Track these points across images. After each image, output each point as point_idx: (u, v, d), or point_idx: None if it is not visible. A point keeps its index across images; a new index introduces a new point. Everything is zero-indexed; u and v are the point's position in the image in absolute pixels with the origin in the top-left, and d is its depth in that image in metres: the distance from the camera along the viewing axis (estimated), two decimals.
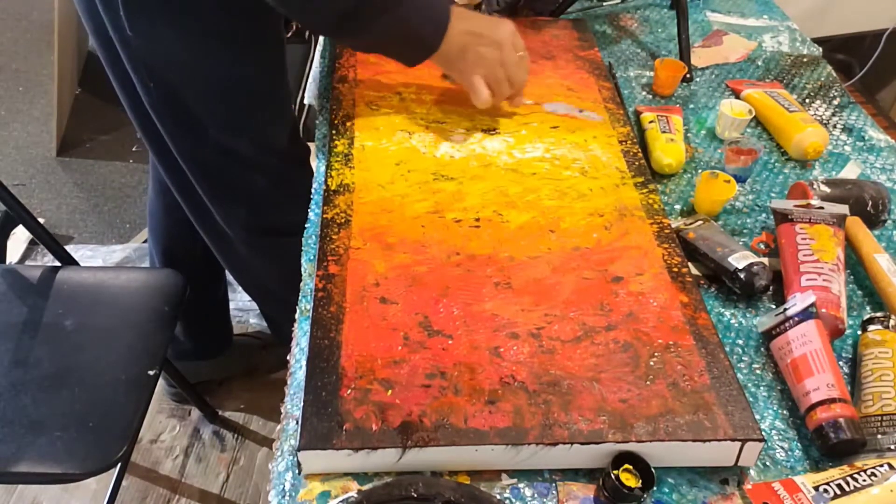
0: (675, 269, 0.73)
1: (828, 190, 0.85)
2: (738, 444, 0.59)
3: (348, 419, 0.58)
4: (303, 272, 0.77)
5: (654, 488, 0.58)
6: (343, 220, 0.76)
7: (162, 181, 1.14)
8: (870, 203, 0.84)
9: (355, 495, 0.56)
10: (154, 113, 0.94)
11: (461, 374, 0.62)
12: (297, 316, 0.72)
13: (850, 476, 0.58)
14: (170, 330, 1.11)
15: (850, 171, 0.96)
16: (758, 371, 0.71)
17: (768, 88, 1.06)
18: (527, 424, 0.59)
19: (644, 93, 1.07)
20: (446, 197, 0.80)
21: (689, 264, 0.76)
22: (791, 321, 0.69)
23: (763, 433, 0.61)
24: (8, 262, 1.21)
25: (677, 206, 0.88)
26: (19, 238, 1.80)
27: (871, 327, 0.71)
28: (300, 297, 0.74)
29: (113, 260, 1.79)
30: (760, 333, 0.74)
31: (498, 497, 0.58)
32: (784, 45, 1.21)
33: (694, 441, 0.59)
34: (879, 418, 0.63)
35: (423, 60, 0.83)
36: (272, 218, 1.08)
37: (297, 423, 0.62)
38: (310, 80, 1.20)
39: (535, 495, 0.59)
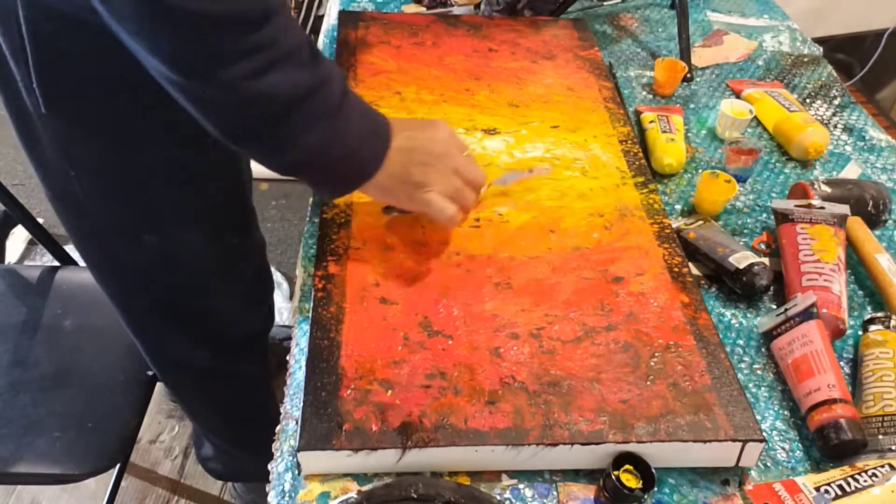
0: (676, 270, 0.73)
1: (828, 190, 0.84)
2: (739, 444, 0.59)
3: (348, 420, 0.58)
4: (302, 272, 0.77)
5: (655, 489, 0.58)
6: (343, 220, 0.76)
7: None
8: (871, 203, 0.84)
9: (355, 496, 0.56)
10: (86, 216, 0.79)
11: (461, 374, 0.62)
12: (296, 316, 0.72)
13: (852, 477, 0.58)
14: None
15: (851, 171, 0.96)
16: (758, 371, 0.70)
17: (769, 88, 1.06)
18: (527, 425, 0.59)
19: (644, 92, 1.07)
20: None
21: (690, 264, 0.75)
22: (792, 321, 0.69)
23: (764, 434, 0.61)
24: (7, 261, 1.21)
25: (678, 206, 0.88)
26: (18, 238, 1.79)
27: (872, 327, 0.70)
28: (300, 297, 0.74)
29: None
30: (761, 334, 0.73)
31: (498, 498, 0.57)
32: (785, 44, 1.20)
33: (695, 442, 0.58)
34: (880, 419, 0.63)
35: (352, 190, 0.67)
36: (220, 334, 0.96)
37: (297, 423, 0.62)
38: None
39: (536, 496, 0.59)
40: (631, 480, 0.57)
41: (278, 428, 0.63)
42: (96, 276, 0.87)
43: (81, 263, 1.24)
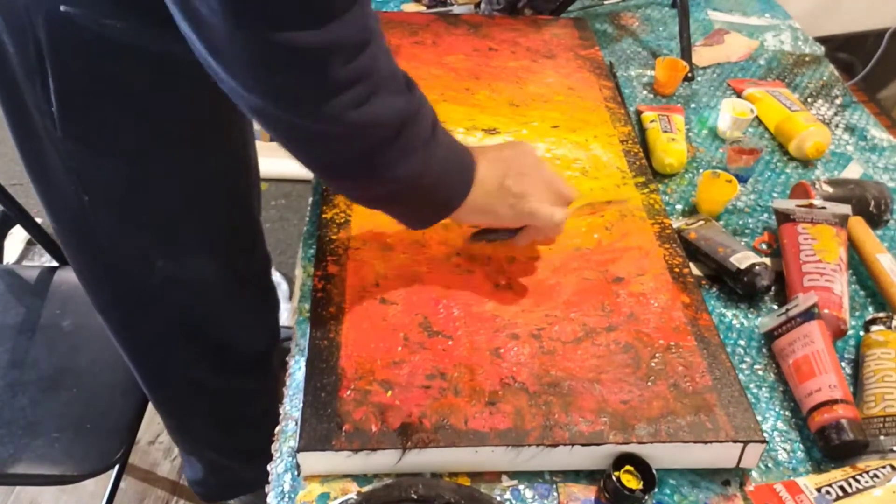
0: (677, 270, 0.73)
1: (830, 190, 0.84)
2: (740, 445, 0.59)
3: (348, 420, 0.58)
4: (302, 272, 0.77)
5: (656, 490, 0.57)
6: (342, 220, 0.76)
7: None
8: (872, 203, 0.83)
9: (355, 497, 0.56)
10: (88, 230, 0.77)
11: (461, 374, 0.62)
12: (296, 316, 0.72)
13: (853, 478, 0.58)
14: None
15: (853, 171, 0.96)
16: (759, 372, 0.70)
17: (770, 87, 1.05)
18: (527, 426, 0.58)
19: (645, 92, 1.07)
20: None
21: (691, 265, 0.75)
22: (793, 322, 0.69)
23: (765, 434, 0.61)
24: (5, 262, 1.21)
25: (679, 206, 0.88)
26: (16, 238, 1.79)
27: (874, 328, 0.70)
28: (300, 297, 0.74)
29: None
30: (762, 334, 0.73)
31: (498, 498, 0.57)
32: (786, 43, 1.20)
33: (695, 442, 0.58)
34: (882, 419, 0.63)
35: (443, 218, 0.65)
36: (226, 356, 0.95)
37: (297, 424, 0.61)
38: None
39: (536, 497, 0.59)
40: (632, 481, 0.57)
41: (278, 429, 0.63)
42: (99, 302, 0.85)
43: None
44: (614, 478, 0.56)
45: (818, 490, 0.57)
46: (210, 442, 1.12)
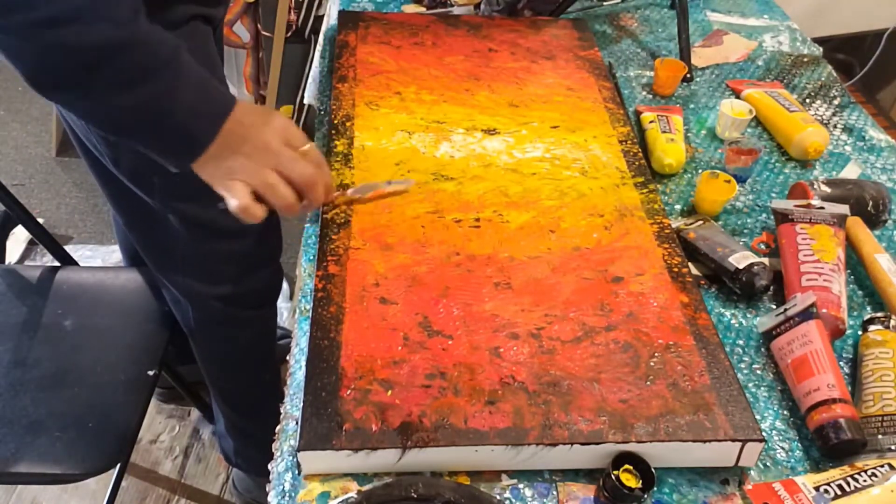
0: (676, 270, 0.73)
1: (828, 190, 0.84)
2: (739, 444, 0.59)
3: (348, 419, 0.58)
4: (302, 272, 0.77)
5: (655, 488, 0.58)
6: (343, 220, 0.76)
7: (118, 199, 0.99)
8: (870, 203, 0.84)
9: (355, 496, 0.56)
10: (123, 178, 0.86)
11: (461, 374, 0.62)
12: (296, 316, 0.72)
13: (851, 476, 0.58)
14: (169, 330, 1.10)
15: (851, 171, 0.96)
16: (758, 371, 0.71)
17: (769, 88, 1.06)
18: (527, 425, 0.59)
19: (644, 92, 1.07)
20: (446, 197, 0.80)
21: (690, 264, 0.75)
22: (791, 321, 0.69)
23: (763, 433, 0.61)
24: (7, 262, 1.21)
25: (678, 206, 0.88)
26: (18, 238, 1.79)
27: (872, 327, 0.70)
28: (300, 297, 0.74)
29: (112, 260, 1.79)
30: (761, 334, 0.73)
31: (498, 497, 0.57)
32: (784, 44, 1.20)
33: (694, 441, 0.58)
34: (880, 418, 0.63)
35: (188, 161, 0.65)
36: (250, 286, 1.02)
37: (297, 423, 0.62)
38: (310, 80, 1.20)
39: (536, 496, 0.59)
40: (630, 480, 0.57)
41: (278, 428, 0.63)
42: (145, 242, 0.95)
43: (82, 263, 1.24)
44: (613, 477, 0.57)
45: (816, 489, 0.58)
46: (224, 394, 1.19)
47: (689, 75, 1.09)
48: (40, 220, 1.20)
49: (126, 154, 0.82)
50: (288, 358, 0.69)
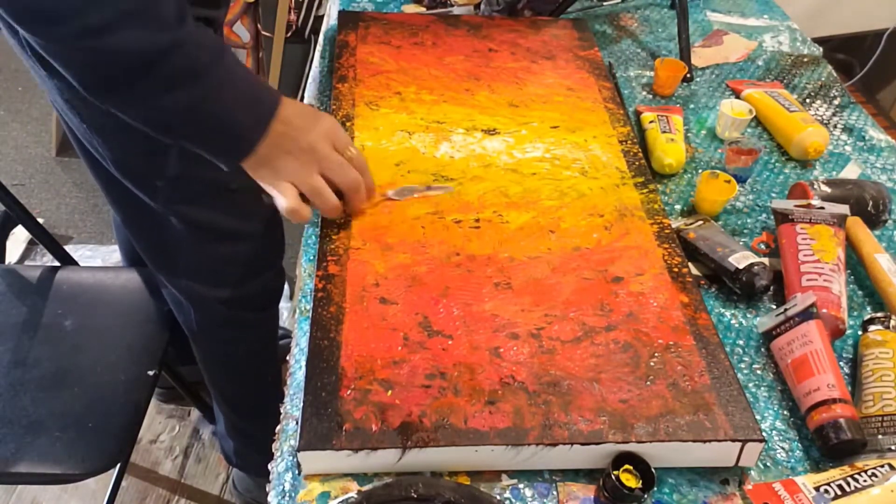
0: (676, 270, 0.73)
1: (828, 190, 0.84)
2: (739, 444, 0.59)
3: (348, 419, 0.58)
4: (302, 272, 0.77)
5: (655, 488, 0.58)
6: (343, 220, 0.76)
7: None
8: (870, 203, 0.84)
9: (355, 496, 0.56)
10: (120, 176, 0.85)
11: (461, 374, 0.62)
12: (296, 316, 0.72)
13: (851, 476, 0.58)
14: (169, 330, 1.10)
15: (851, 171, 0.96)
16: (758, 371, 0.71)
17: (769, 88, 1.06)
18: (527, 425, 0.59)
19: (644, 92, 1.07)
20: (446, 197, 0.80)
21: (690, 264, 0.75)
22: (791, 321, 0.69)
23: (763, 433, 0.61)
24: (7, 262, 1.21)
25: (677, 206, 0.88)
26: (18, 238, 1.79)
27: (872, 327, 0.70)
28: (300, 297, 0.74)
29: (113, 260, 1.79)
30: (761, 334, 0.73)
31: (498, 497, 0.57)
32: (784, 44, 1.20)
33: (694, 441, 0.58)
34: (880, 419, 0.63)
35: (236, 159, 0.67)
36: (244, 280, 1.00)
37: (297, 423, 0.62)
38: (310, 80, 1.20)
39: (536, 496, 0.59)
40: (631, 480, 0.57)
41: (278, 428, 0.63)
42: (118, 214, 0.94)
43: (82, 263, 1.24)
44: (613, 477, 0.57)
45: (816, 489, 0.58)
46: (226, 396, 1.19)
47: (689, 75, 1.09)
48: (40, 220, 1.20)
49: (128, 156, 0.82)
50: (288, 358, 0.69)
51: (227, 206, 0.90)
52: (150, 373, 1.03)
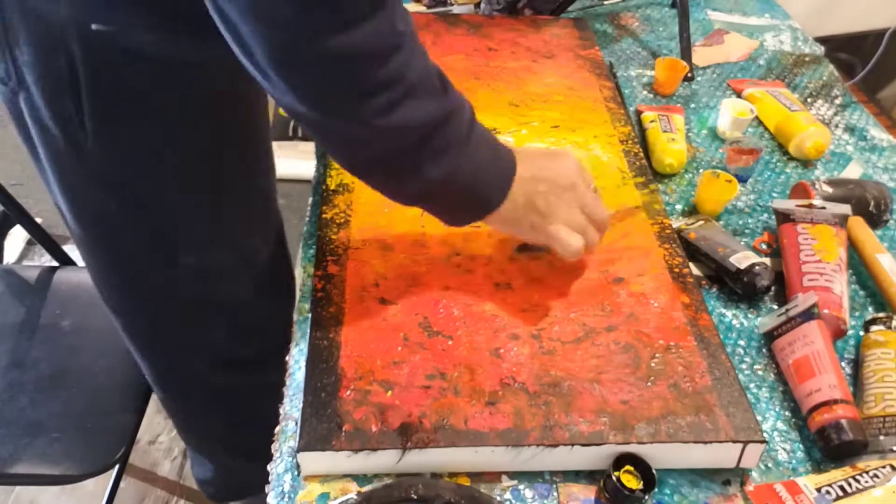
0: (677, 270, 0.73)
1: (830, 190, 0.84)
2: (740, 445, 0.59)
3: (348, 420, 0.58)
4: (302, 272, 0.77)
5: (656, 490, 0.58)
6: (342, 220, 0.76)
7: None
8: (872, 203, 0.83)
9: (355, 497, 0.56)
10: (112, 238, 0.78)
11: (461, 374, 0.62)
12: (295, 316, 0.72)
13: (853, 477, 0.58)
14: None
15: (853, 171, 0.96)
16: (759, 372, 0.70)
17: (770, 88, 1.05)
18: (527, 426, 0.58)
19: (645, 92, 1.07)
20: None
21: (691, 265, 0.75)
22: (793, 322, 0.69)
23: (765, 434, 0.61)
24: (5, 262, 1.21)
25: (678, 206, 0.88)
26: (16, 238, 1.79)
27: (874, 328, 0.70)
28: (299, 298, 0.74)
29: None
30: (762, 334, 0.73)
31: (498, 499, 0.57)
32: (786, 44, 1.20)
33: (695, 443, 0.58)
34: (882, 419, 0.63)
35: (476, 220, 0.65)
36: (245, 346, 0.94)
37: (296, 424, 0.61)
38: None
39: (536, 497, 0.59)
40: (631, 481, 0.57)
41: (278, 429, 0.63)
42: (113, 301, 0.86)
43: (80, 264, 1.24)
44: (614, 478, 0.56)
45: (818, 490, 0.57)
46: (219, 440, 1.12)
47: (690, 75, 1.08)
48: (38, 220, 1.20)
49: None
50: (287, 358, 0.69)
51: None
52: None
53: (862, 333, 0.72)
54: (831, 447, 0.61)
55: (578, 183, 0.67)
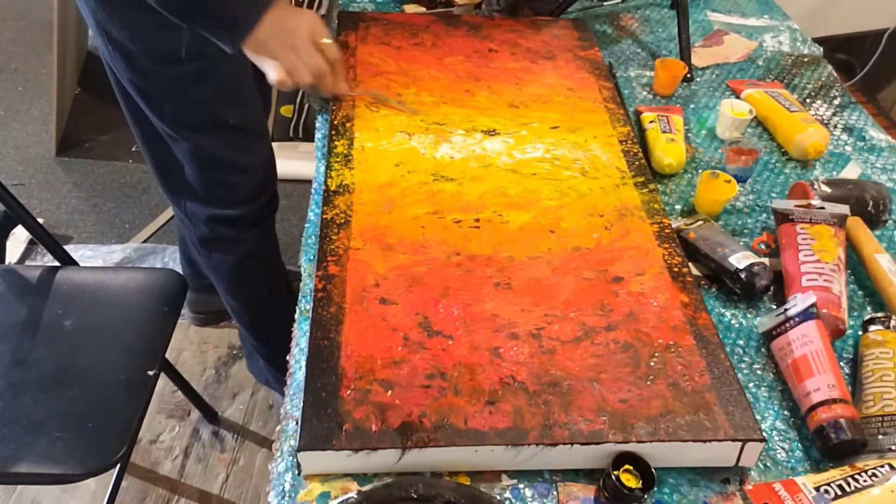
0: (676, 270, 0.73)
1: (828, 190, 0.84)
2: (739, 444, 0.59)
3: (348, 420, 0.58)
4: (302, 272, 0.77)
5: (655, 488, 0.58)
6: (343, 221, 0.76)
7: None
8: (871, 203, 0.84)
9: (355, 496, 0.56)
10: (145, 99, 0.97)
11: (461, 374, 0.62)
12: (296, 316, 0.72)
13: (851, 477, 0.58)
14: (169, 330, 1.10)
15: (851, 171, 0.96)
16: (758, 371, 0.70)
17: (769, 88, 1.06)
18: (527, 425, 0.59)
19: (644, 92, 1.07)
20: (446, 197, 0.80)
21: (690, 264, 0.75)
22: (792, 321, 0.69)
23: (764, 433, 0.61)
24: (7, 262, 1.21)
25: (678, 206, 0.88)
26: (19, 238, 1.79)
27: (872, 328, 0.70)
28: (300, 298, 0.74)
29: (112, 260, 1.79)
30: (761, 334, 0.73)
31: (498, 498, 0.57)
32: (785, 44, 1.20)
33: (694, 441, 0.58)
34: (880, 419, 0.63)
35: (239, 38, 0.83)
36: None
37: (297, 423, 0.62)
38: None
39: (536, 496, 0.59)
40: (631, 480, 0.57)
41: (278, 428, 0.63)
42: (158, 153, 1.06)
43: (82, 263, 1.24)
44: (613, 477, 0.57)
45: (817, 489, 0.57)
46: (237, 314, 1.32)
47: (689, 75, 1.09)
48: (40, 220, 1.20)
49: (147, 82, 0.94)
50: (288, 358, 0.69)
51: (224, 138, 1.02)
52: (150, 373, 1.03)
53: (860, 333, 0.72)
54: (830, 446, 0.62)
55: (298, 33, 0.85)
